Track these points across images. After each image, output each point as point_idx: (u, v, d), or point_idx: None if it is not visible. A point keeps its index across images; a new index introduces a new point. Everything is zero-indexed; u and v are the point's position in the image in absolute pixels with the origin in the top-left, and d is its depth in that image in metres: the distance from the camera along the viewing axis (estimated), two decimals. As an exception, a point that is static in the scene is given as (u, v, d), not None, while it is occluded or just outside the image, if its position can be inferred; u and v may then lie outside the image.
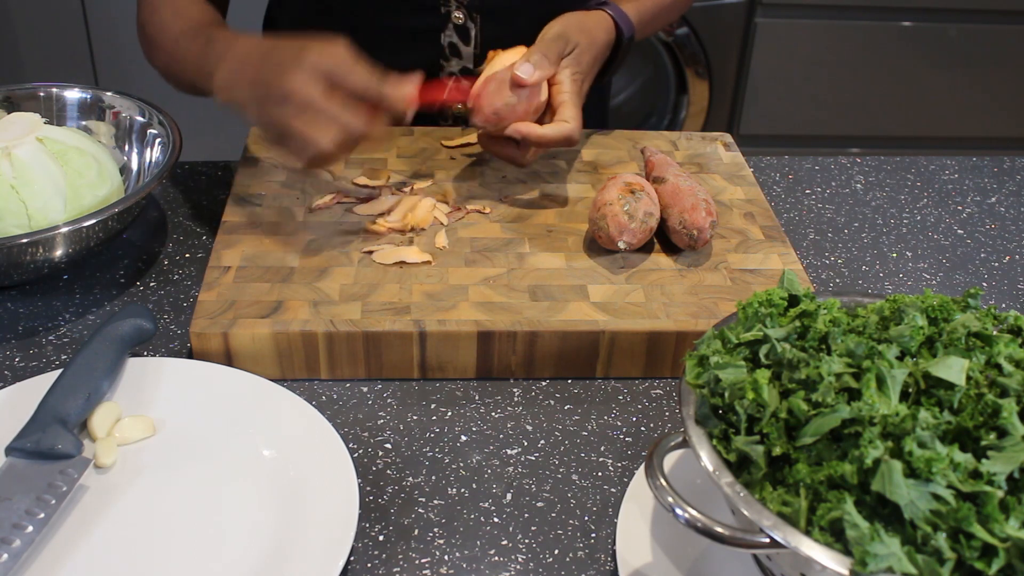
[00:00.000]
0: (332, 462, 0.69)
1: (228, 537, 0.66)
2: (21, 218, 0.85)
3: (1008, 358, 0.57)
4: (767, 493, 0.54)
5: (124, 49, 2.15)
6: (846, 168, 1.16)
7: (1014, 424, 0.52)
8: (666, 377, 0.83)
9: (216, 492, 0.70)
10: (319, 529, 0.65)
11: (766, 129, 2.37)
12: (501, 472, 0.74)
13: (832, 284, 0.96)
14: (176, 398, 0.76)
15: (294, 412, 0.74)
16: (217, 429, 0.74)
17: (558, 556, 0.68)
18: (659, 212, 0.89)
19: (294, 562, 0.63)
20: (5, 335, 0.84)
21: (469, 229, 0.92)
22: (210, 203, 1.03)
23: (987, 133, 2.45)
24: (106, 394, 0.75)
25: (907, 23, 2.25)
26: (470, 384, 0.82)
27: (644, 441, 0.77)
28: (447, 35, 1.11)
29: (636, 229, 0.86)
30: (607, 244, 0.87)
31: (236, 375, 0.77)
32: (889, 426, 0.52)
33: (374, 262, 0.87)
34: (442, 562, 0.67)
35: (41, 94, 1.00)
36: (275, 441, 0.72)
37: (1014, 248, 1.03)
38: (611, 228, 0.86)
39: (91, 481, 0.70)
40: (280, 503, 0.68)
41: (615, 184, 0.89)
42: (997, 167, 1.19)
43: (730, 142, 1.10)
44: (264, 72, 0.82)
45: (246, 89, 0.84)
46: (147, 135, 0.98)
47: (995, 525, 0.49)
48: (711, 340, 0.61)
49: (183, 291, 0.90)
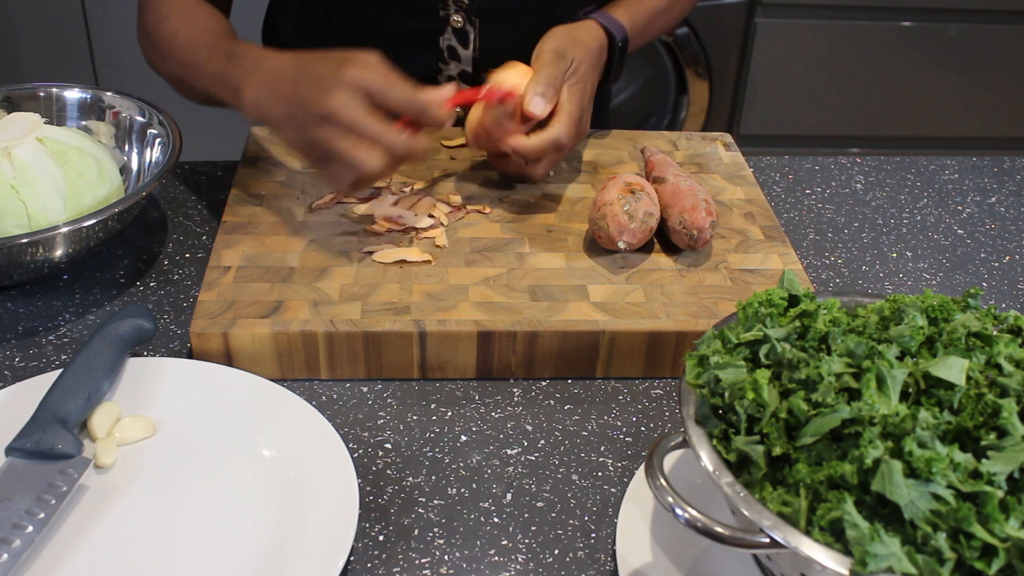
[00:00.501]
0: (332, 462, 0.69)
1: (228, 537, 0.66)
2: (21, 218, 0.85)
3: (1008, 358, 0.57)
4: (767, 493, 0.54)
5: (124, 49, 2.15)
6: (846, 168, 1.16)
7: (1014, 424, 0.52)
8: (666, 377, 0.83)
9: (216, 492, 0.70)
10: (319, 529, 0.65)
11: (766, 129, 2.37)
12: (501, 472, 0.74)
13: (832, 284, 0.96)
14: (176, 398, 0.76)
15: (294, 412, 0.74)
16: (217, 429, 0.74)
17: (558, 556, 0.68)
18: (659, 212, 0.89)
19: (294, 562, 0.63)
20: (5, 335, 0.84)
21: (469, 229, 0.92)
22: (210, 203, 1.03)
23: (987, 133, 2.45)
24: (106, 394, 0.75)
25: (907, 23, 2.25)
26: (470, 384, 0.82)
27: (644, 441, 0.77)
28: (446, 38, 1.11)
29: (636, 229, 0.86)
30: (607, 244, 0.87)
31: (236, 375, 0.77)
32: (889, 426, 0.52)
33: (374, 262, 0.87)
34: (442, 562, 0.67)
35: (41, 94, 1.00)
36: (275, 441, 0.72)
37: (1014, 248, 1.03)
38: (611, 228, 0.86)
39: (91, 481, 0.70)
40: (280, 503, 0.68)
41: (615, 184, 0.89)
42: (997, 167, 1.19)
43: (730, 142, 1.10)
44: (302, 90, 0.80)
45: (282, 108, 0.82)
46: (147, 135, 0.98)
47: (995, 525, 0.49)
48: (711, 340, 0.61)
49: (183, 291, 0.90)
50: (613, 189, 0.88)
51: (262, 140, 1.06)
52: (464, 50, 1.12)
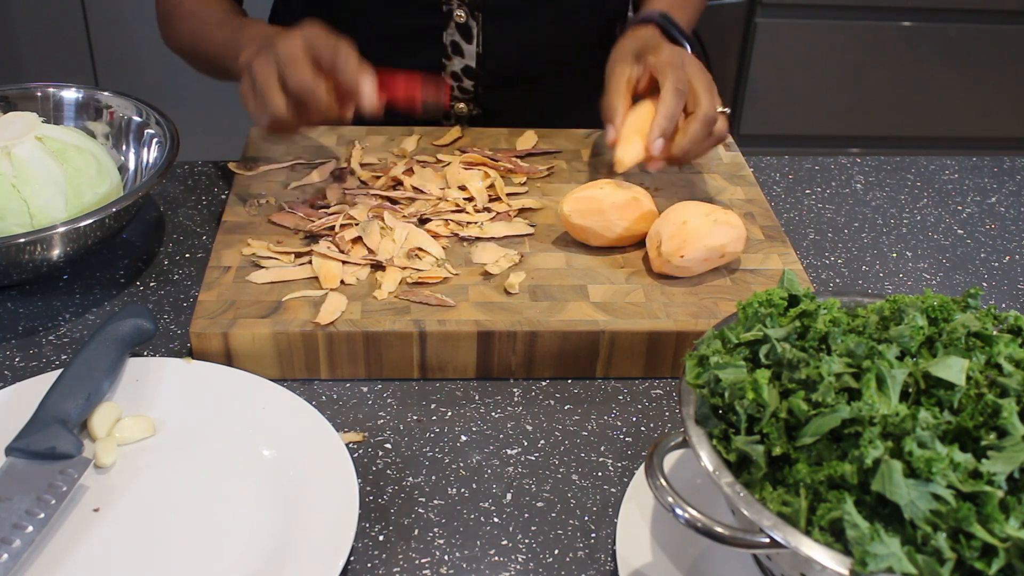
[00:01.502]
0: (332, 462, 0.69)
1: (228, 537, 0.66)
2: (23, 217, 0.85)
3: (1008, 358, 0.57)
4: (767, 493, 0.54)
5: (124, 49, 2.15)
6: (846, 168, 1.16)
7: (1014, 424, 0.52)
8: (666, 377, 0.83)
9: (216, 492, 0.70)
10: (319, 529, 0.65)
11: (766, 129, 2.37)
12: (501, 472, 0.74)
13: (832, 284, 0.96)
14: (176, 398, 0.76)
15: (294, 412, 0.74)
16: (217, 429, 0.74)
17: (558, 556, 0.68)
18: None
19: (294, 562, 0.63)
20: (5, 335, 0.84)
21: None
22: (210, 203, 1.03)
23: (987, 133, 2.45)
24: (106, 394, 0.75)
25: (907, 23, 2.24)
26: (470, 384, 0.82)
27: (644, 441, 0.77)
28: (449, 34, 1.11)
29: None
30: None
31: (236, 375, 0.77)
32: (889, 426, 0.52)
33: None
34: (442, 562, 0.67)
35: (38, 94, 1.00)
36: (275, 441, 0.72)
37: (1014, 248, 1.03)
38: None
39: (91, 481, 0.70)
40: (280, 503, 0.68)
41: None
42: (997, 167, 1.19)
43: (730, 142, 1.10)
44: (273, 36, 0.88)
45: (254, 47, 0.88)
46: (144, 135, 0.98)
47: (995, 525, 0.49)
48: (711, 340, 0.61)
49: (183, 291, 0.90)
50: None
51: (262, 140, 1.06)
52: (468, 45, 1.12)
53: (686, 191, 1.00)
